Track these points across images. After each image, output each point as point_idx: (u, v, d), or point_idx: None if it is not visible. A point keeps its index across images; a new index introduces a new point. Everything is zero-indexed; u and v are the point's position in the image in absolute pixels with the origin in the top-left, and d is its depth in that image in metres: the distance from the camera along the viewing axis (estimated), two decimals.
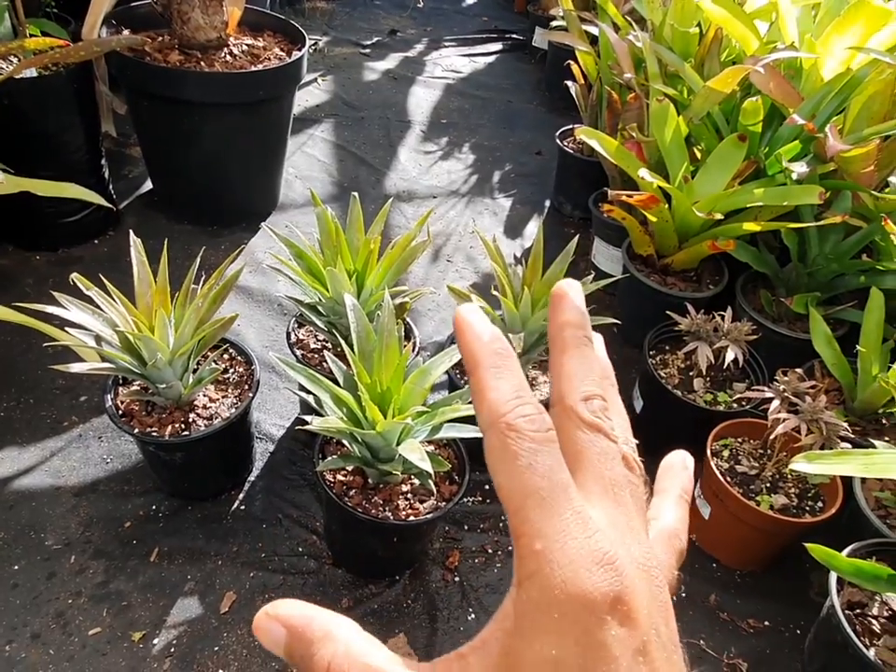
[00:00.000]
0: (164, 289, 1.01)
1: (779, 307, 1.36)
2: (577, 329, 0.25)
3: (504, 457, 0.21)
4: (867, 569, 0.86)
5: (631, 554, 0.21)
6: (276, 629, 0.21)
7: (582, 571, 0.20)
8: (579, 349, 0.25)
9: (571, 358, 0.25)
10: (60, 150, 1.49)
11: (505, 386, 0.22)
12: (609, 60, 1.68)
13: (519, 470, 0.21)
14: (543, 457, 0.21)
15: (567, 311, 0.26)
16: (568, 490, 0.21)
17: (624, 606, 0.20)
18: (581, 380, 0.24)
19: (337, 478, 0.98)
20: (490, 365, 0.23)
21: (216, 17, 1.57)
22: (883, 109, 1.25)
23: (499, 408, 0.22)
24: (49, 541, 1.07)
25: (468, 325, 0.24)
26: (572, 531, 0.20)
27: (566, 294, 0.26)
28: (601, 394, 0.25)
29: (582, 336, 0.25)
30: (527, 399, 0.22)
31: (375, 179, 2.05)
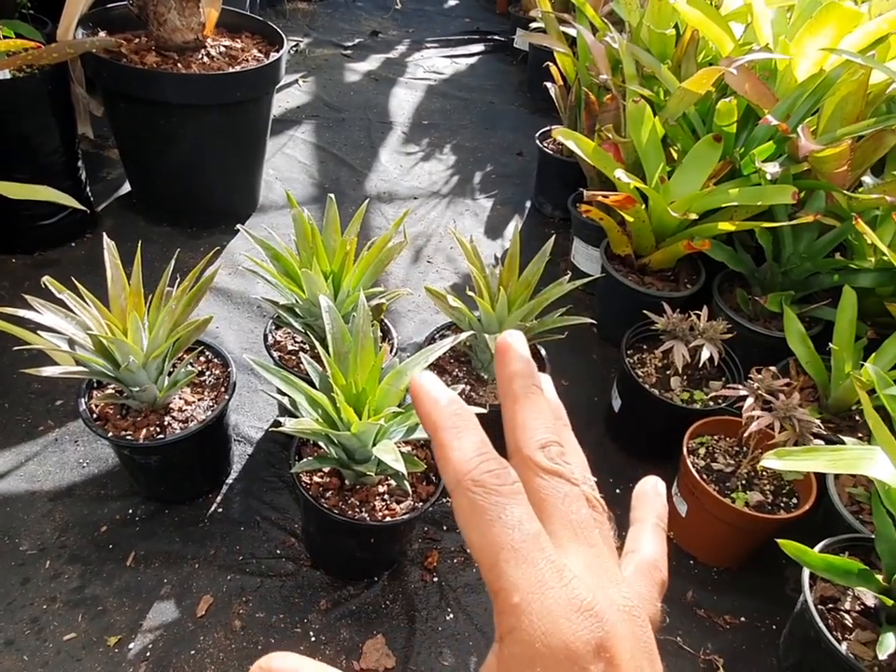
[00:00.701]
0: (138, 292, 1.00)
1: (755, 306, 1.38)
2: (524, 378, 0.26)
3: (473, 514, 0.22)
4: (838, 564, 0.87)
5: (610, 598, 0.21)
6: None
7: (563, 621, 0.20)
8: (528, 398, 0.26)
9: (523, 408, 0.25)
10: (35, 153, 1.48)
11: (467, 445, 0.23)
12: (587, 61, 1.69)
13: (489, 525, 0.21)
14: (512, 510, 0.21)
15: (513, 362, 0.26)
16: (539, 539, 0.21)
17: (607, 652, 0.20)
18: (535, 428, 0.25)
19: (314, 479, 0.98)
20: (450, 426, 0.23)
21: (192, 18, 1.56)
22: (856, 110, 1.27)
23: (463, 466, 0.22)
24: (23, 546, 1.06)
25: (424, 391, 0.24)
26: (548, 581, 0.20)
27: (510, 346, 0.26)
28: (556, 440, 0.25)
29: (531, 385, 0.26)
30: (490, 454, 0.23)
31: (356, 181, 2.05)
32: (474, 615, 1.04)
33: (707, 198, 1.32)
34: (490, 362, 1.15)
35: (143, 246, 1.03)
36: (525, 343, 0.27)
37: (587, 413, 1.42)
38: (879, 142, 1.25)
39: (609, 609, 0.21)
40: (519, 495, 0.22)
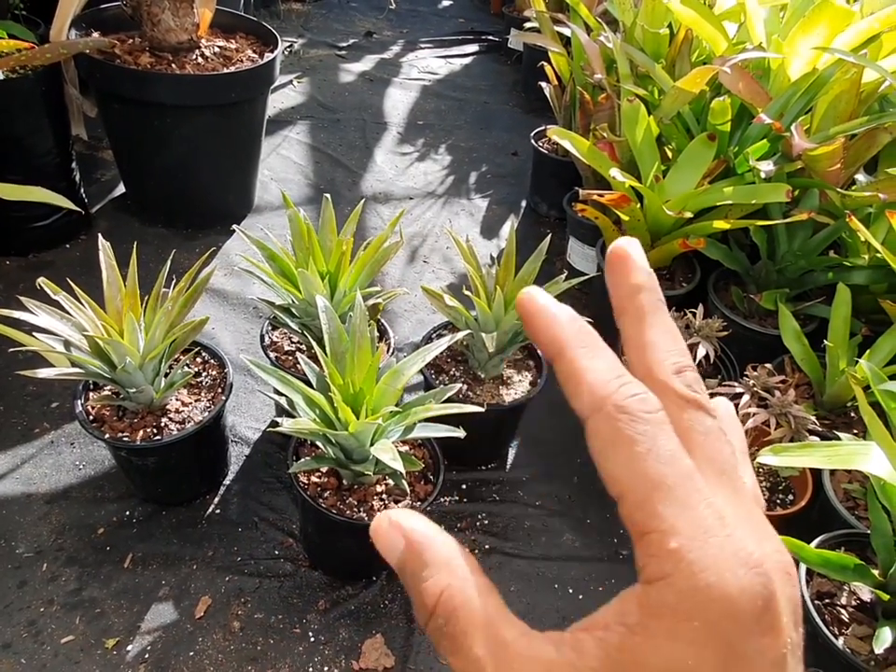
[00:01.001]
0: (134, 293, 1.00)
1: (750, 304, 1.38)
2: (651, 292, 0.23)
3: (617, 443, 0.19)
4: (834, 560, 0.88)
5: (770, 556, 0.19)
6: (395, 538, 0.20)
7: (728, 575, 0.18)
8: (657, 315, 0.23)
9: (652, 326, 0.22)
10: (29, 154, 1.47)
11: (603, 366, 0.20)
12: (582, 61, 1.70)
13: (639, 457, 0.19)
14: (663, 441, 0.19)
15: (635, 272, 0.23)
16: (695, 478, 0.19)
17: (770, 615, 0.18)
18: (669, 350, 0.22)
19: (311, 480, 0.98)
20: (579, 345, 0.21)
21: (186, 19, 1.56)
22: (849, 108, 1.28)
23: (603, 388, 0.20)
24: (20, 549, 1.05)
25: (539, 308, 0.21)
26: (711, 527, 0.18)
27: (628, 255, 0.23)
28: (691, 364, 0.22)
29: (657, 300, 0.23)
30: (630, 377, 0.20)
31: (351, 181, 2.05)
32: None
33: (702, 196, 1.32)
34: (487, 361, 1.15)
35: (138, 248, 1.03)
36: (643, 253, 0.23)
37: None
38: (872, 140, 1.26)
39: (772, 567, 0.19)
40: (667, 425, 0.20)
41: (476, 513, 1.19)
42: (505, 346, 1.13)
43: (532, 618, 1.05)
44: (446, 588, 0.19)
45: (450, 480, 1.23)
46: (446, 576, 0.19)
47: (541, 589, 1.10)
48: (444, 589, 0.19)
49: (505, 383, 1.20)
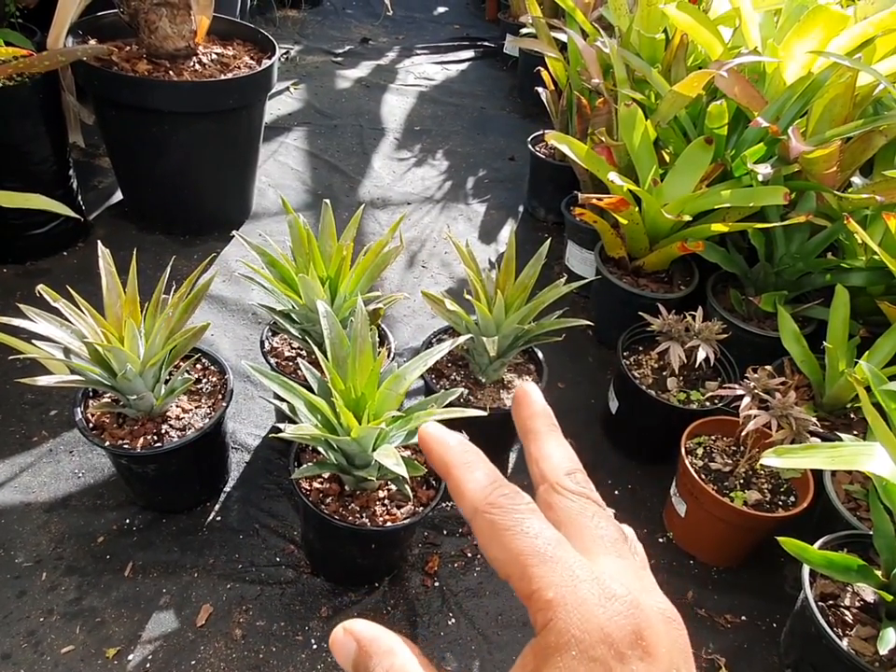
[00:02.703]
0: (134, 299, 1.00)
1: (749, 306, 1.39)
2: (544, 417, 0.28)
3: (494, 533, 0.22)
4: (838, 561, 0.88)
5: (640, 598, 0.22)
6: (349, 643, 0.23)
7: (598, 608, 0.20)
8: (550, 434, 0.27)
9: (546, 443, 0.27)
10: (26, 161, 1.47)
11: (479, 476, 0.24)
12: (578, 66, 1.70)
13: (511, 538, 0.22)
14: (531, 522, 0.22)
15: (533, 404, 0.28)
16: (563, 543, 0.22)
17: (643, 641, 0.20)
18: (560, 458, 0.26)
19: (313, 486, 0.98)
20: (461, 462, 0.25)
21: (184, 26, 1.56)
22: (844, 111, 1.29)
23: (479, 493, 0.23)
24: (19, 559, 1.04)
25: (432, 437, 0.25)
26: (579, 575, 0.21)
27: (527, 393, 0.28)
28: (581, 469, 0.26)
29: (550, 423, 0.28)
30: (503, 481, 0.24)
31: (349, 187, 2.05)
32: (476, 619, 1.04)
33: (700, 200, 1.33)
34: (488, 365, 1.15)
35: (136, 254, 1.03)
36: (540, 393, 0.29)
37: (584, 415, 1.42)
38: (867, 143, 1.27)
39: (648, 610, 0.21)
40: (535, 512, 0.23)
41: None
42: (506, 350, 1.13)
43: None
44: (390, 667, 0.22)
45: None
46: (391, 658, 0.22)
47: None
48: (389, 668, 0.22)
49: (506, 387, 1.20)
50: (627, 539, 0.25)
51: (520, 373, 1.23)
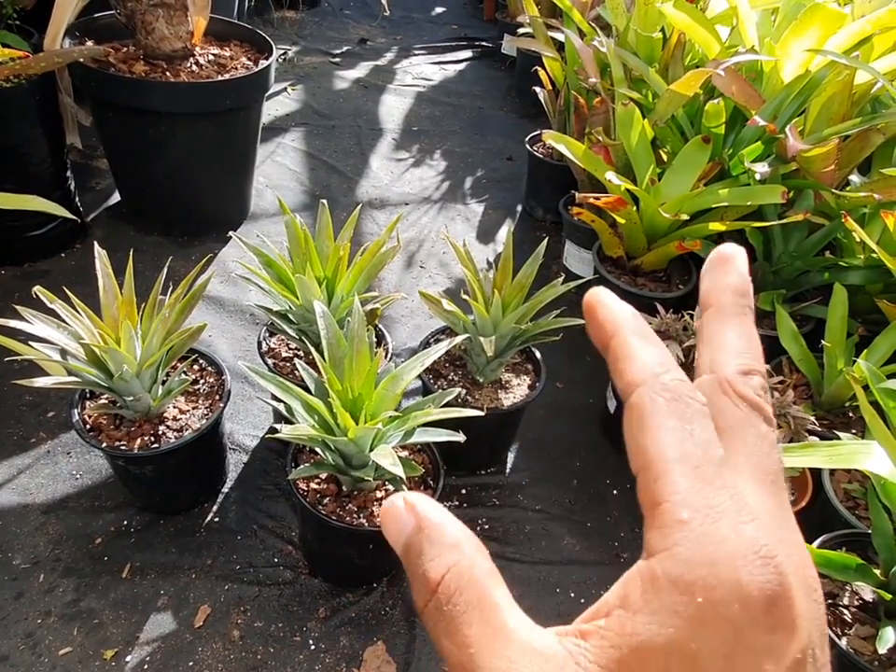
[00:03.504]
0: (131, 300, 1.00)
1: None
2: (740, 296, 0.22)
3: (654, 417, 0.19)
4: (836, 560, 0.88)
5: (790, 557, 0.18)
6: (407, 519, 0.19)
7: (738, 557, 0.17)
8: (739, 318, 0.22)
9: (729, 327, 0.22)
10: (23, 163, 1.47)
11: (655, 352, 0.21)
12: (576, 65, 1.70)
13: (672, 434, 0.18)
14: (700, 427, 0.19)
15: (731, 274, 0.23)
16: (725, 469, 0.18)
17: (781, 611, 0.17)
18: (741, 352, 0.21)
19: (311, 486, 0.97)
20: (636, 331, 0.21)
21: (180, 27, 1.56)
22: (841, 110, 1.28)
23: (652, 369, 0.20)
24: (16, 560, 1.04)
25: (602, 303, 0.22)
26: (726, 509, 0.17)
27: (732, 257, 0.23)
28: (763, 371, 0.21)
29: (745, 306, 0.23)
30: (679, 371, 0.20)
31: (347, 187, 2.05)
32: None
33: (698, 199, 1.32)
34: (485, 365, 1.15)
35: (134, 255, 1.03)
36: (746, 261, 0.23)
37: (582, 415, 1.42)
38: (865, 141, 1.27)
39: (788, 567, 0.17)
40: (708, 418, 0.19)
41: (476, 518, 1.19)
42: (503, 350, 1.13)
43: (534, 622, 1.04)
44: (453, 566, 0.18)
45: (449, 485, 1.23)
46: (455, 555, 0.19)
47: (543, 593, 1.09)
48: (451, 566, 0.18)
49: (504, 387, 1.19)
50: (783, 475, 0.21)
51: (517, 373, 1.23)
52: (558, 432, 1.37)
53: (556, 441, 1.36)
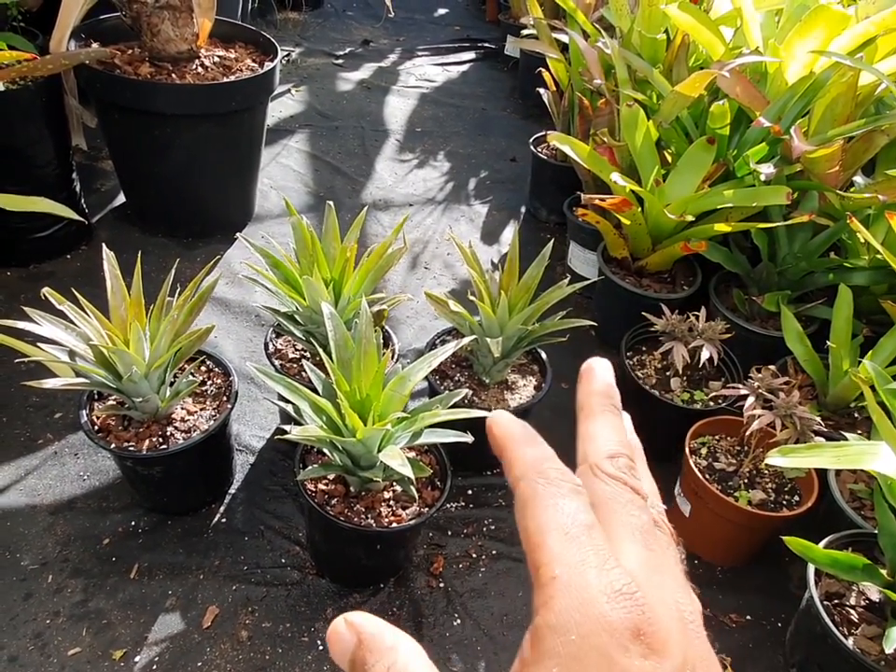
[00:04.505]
0: (139, 302, 1.00)
1: (752, 306, 1.39)
2: (604, 397, 0.27)
3: (532, 501, 0.22)
4: (843, 560, 0.88)
5: (659, 591, 0.21)
6: (349, 637, 0.22)
7: (601, 595, 0.19)
8: (604, 414, 0.26)
9: (596, 423, 0.26)
10: (29, 164, 1.47)
11: (536, 451, 0.24)
12: (580, 67, 1.71)
13: (546, 511, 0.22)
14: (570, 502, 0.22)
15: (595, 381, 0.27)
16: (592, 530, 0.21)
17: (649, 637, 0.19)
18: (607, 440, 0.25)
19: (318, 487, 0.98)
20: (523, 438, 0.25)
21: (186, 29, 1.56)
22: (846, 111, 1.29)
23: (531, 463, 0.23)
24: (25, 561, 1.05)
25: (497, 423, 0.25)
26: (591, 561, 0.20)
27: (593, 368, 0.28)
28: (627, 454, 0.25)
29: (609, 404, 0.27)
30: (558, 461, 0.24)
31: (351, 189, 2.05)
32: (481, 620, 1.04)
33: (703, 200, 1.33)
34: (492, 366, 1.15)
35: (140, 257, 1.03)
36: (611, 370, 0.28)
37: None
38: (869, 142, 1.27)
39: (655, 601, 0.20)
40: (580, 494, 0.22)
41: (482, 519, 1.19)
42: (510, 351, 1.14)
43: None
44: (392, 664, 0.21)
45: (456, 485, 1.23)
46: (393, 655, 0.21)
47: None
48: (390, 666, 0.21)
49: (510, 388, 1.20)
50: (660, 533, 0.24)
51: (523, 374, 1.24)
52: (564, 433, 1.37)
53: (562, 442, 1.35)
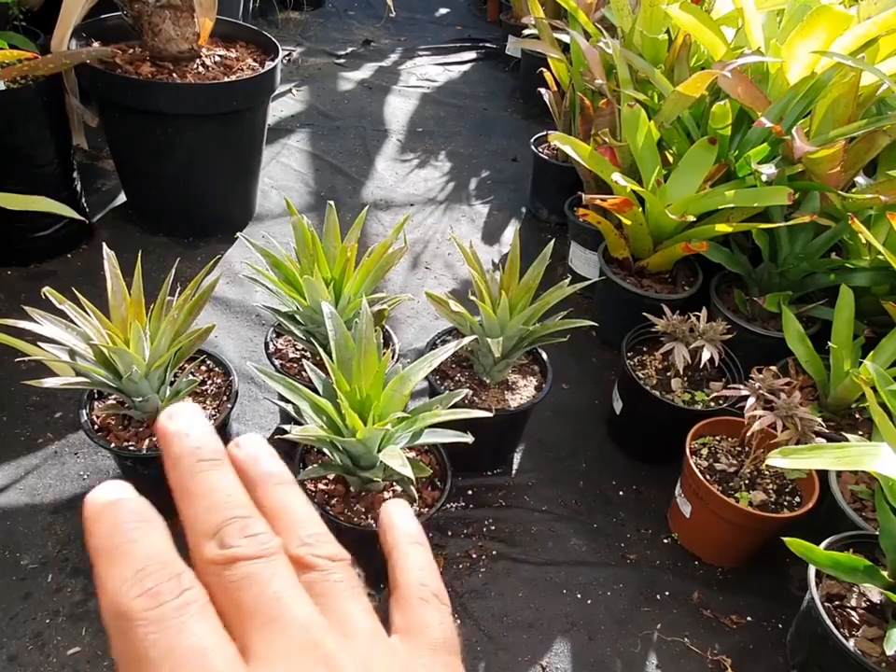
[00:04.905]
0: (139, 301, 1.00)
1: (753, 306, 1.38)
2: (191, 455, 0.21)
3: None
4: (844, 561, 0.88)
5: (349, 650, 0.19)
6: None
7: None
8: (195, 479, 0.20)
9: (189, 497, 0.20)
10: (30, 164, 1.47)
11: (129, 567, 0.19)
12: (581, 67, 1.70)
13: None
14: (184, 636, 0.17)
15: (176, 442, 0.22)
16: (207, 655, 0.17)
17: None
18: (209, 510, 0.20)
19: (318, 487, 0.98)
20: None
21: (187, 28, 1.56)
22: (847, 111, 1.28)
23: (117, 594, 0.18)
24: (24, 561, 1.05)
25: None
26: None
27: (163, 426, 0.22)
28: (235, 514, 0.20)
29: (197, 462, 0.21)
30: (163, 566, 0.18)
31: (352, 188, 2.05)
32: (481, 620, 1.04)
33: (704, 200, 1.32)
34: (492, 366, 1.15)
35: (141, 256, 1.03)
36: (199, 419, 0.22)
37: (588, 416, 1.42)
38: (871, 143, 1.27)
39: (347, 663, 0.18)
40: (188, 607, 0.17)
41: (483, 519, 1.19)
42: (510, 351, 1.13)
43: (540, 624, 1.05)
44: None
45: (456, 485, 1.23)
46: None
47: (549, 594, 1.09)
48: None
49: (510, 388, 1.20)
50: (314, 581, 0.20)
51: (524, 375, 1.23)
52: (564, 433, 1.38)
53: (562, 443, 1.36)
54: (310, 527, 0.22)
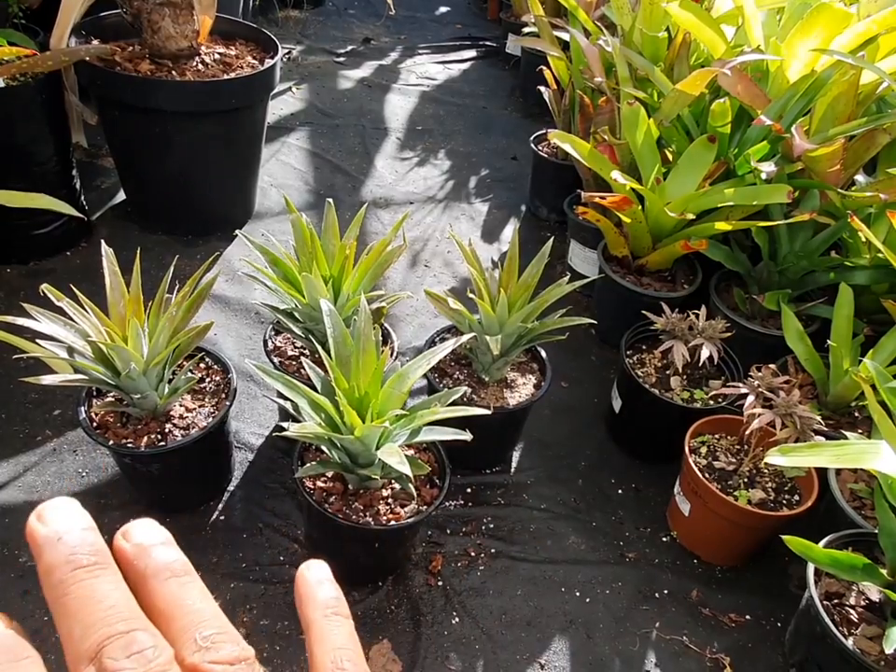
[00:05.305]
0: (137, 299, 1.00)
1: (752, 305, 1.38)
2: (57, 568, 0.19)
3: None
4: (843, 559, 0.88)
5: None
6: None
7: None
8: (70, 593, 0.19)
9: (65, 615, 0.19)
10: (29, 161, 1.47)
11: None
12: (581, 65, 1.70)
13: None
14: None
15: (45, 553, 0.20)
16: None
17: None
18: (86, 631, 0.18)
19: (317, 485, 0.97)
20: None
21: (186, 26, 1.56)
22: (847, 110, 1.28)
23: None
24: (22, 558, 1.04)
25: None
26: None
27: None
28: (115, 632, 0.18)
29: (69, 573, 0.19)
30: None
31: (351, 186, 2.05)
32: (480, 618, 1.04)
33: (703, 198, 1.32)
34: (491, 364, 1.15)
35: (140, 254, 1.03)
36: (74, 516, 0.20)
37: (587, 414, 1.42)
38: (871, 141, 1.27)
39: None
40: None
41: (481, 517, 1.19)
42: (509, 349, 1.13)
43: (539, 622, 1.05)
44: None
45: (455, 483, 1.23)
46: None
47: (548, 592, 1.09)
48: None
49: (509, 386, 1.19)
50: None
51: (523, 373, 1.23)
52: (563, 431, 1.37)
53: (561, 441, 1.36)
54: (208, 627, 0.20)
